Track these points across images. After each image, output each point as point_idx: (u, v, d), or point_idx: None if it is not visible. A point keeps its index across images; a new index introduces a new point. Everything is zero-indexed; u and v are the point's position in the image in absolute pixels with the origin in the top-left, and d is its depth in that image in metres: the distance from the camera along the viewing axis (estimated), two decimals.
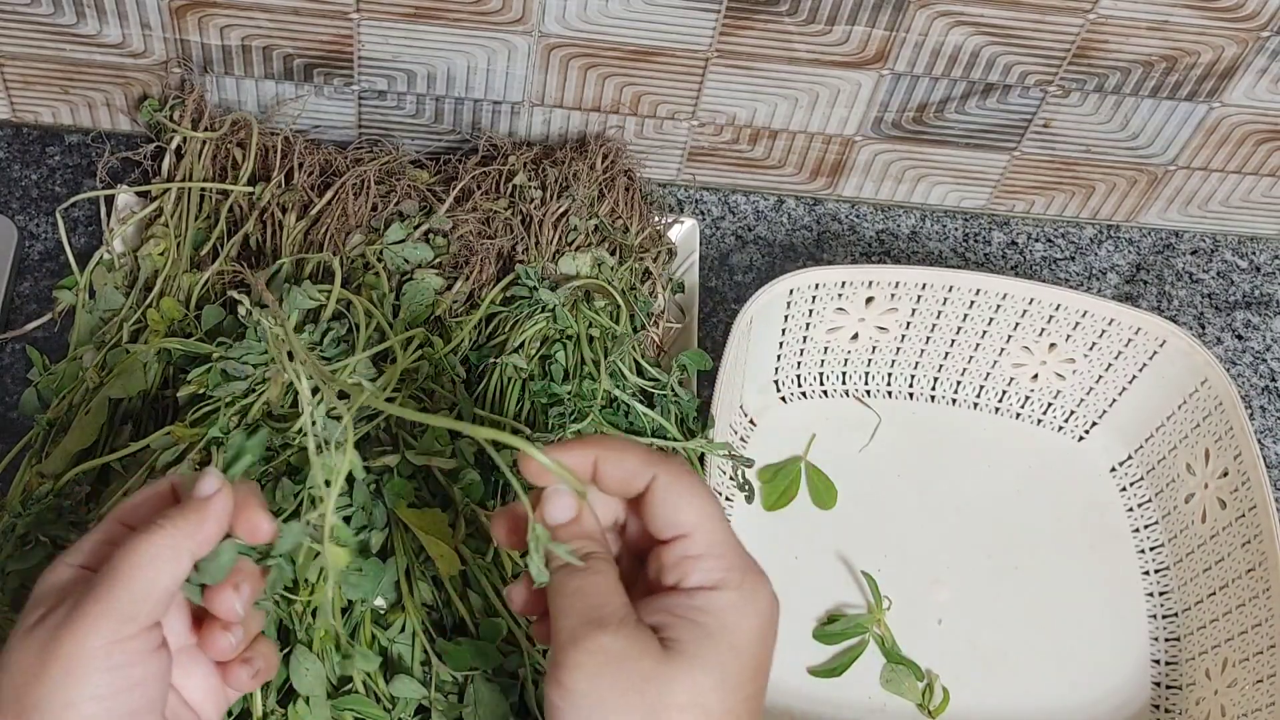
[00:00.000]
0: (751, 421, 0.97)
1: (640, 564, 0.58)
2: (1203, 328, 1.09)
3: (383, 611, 0.73)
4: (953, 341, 0.97)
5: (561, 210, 0.95)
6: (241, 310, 0.82)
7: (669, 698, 0.50)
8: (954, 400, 1.01)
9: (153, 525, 0.53)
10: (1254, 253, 1.14)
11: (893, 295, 0.94)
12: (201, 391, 0.82)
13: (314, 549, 0.74)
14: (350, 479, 0.77)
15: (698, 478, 0.56)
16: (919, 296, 0.94)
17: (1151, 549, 0.96)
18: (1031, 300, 0.94)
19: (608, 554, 0.55)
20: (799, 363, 0.98)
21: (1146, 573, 0.95)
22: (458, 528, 0.77)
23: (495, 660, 0.73)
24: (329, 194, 0.94)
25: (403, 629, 0.73)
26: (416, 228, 0.92)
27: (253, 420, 0.80)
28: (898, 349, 0.98)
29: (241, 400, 0.80)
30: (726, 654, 0.52)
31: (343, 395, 0.64)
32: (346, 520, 0.76)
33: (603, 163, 0.99)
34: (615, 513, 0.58)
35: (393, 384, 0.82)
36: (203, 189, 0.95)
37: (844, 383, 1.00)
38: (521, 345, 0.87)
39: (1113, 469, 0.99)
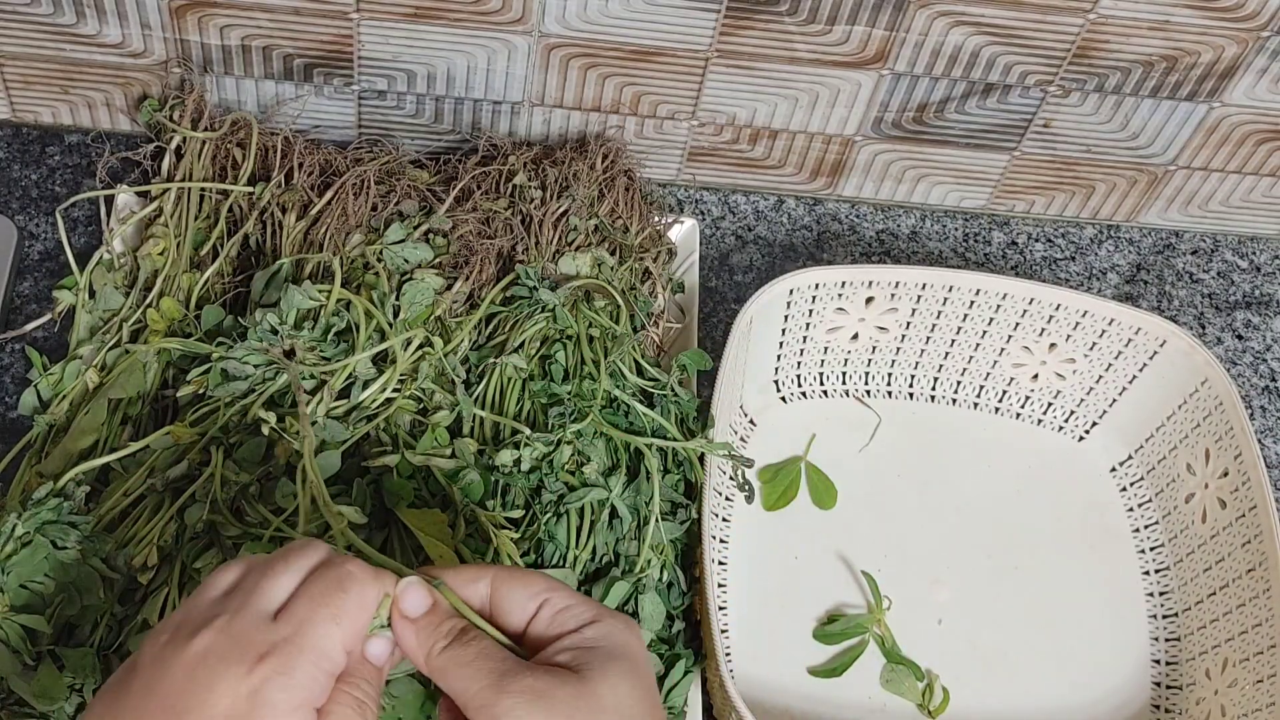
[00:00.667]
0: (751, 421, 0.97)
1: None
2: (1203, 328, 1.09)
3: None
4: (953, 341, 0.97)
5: (561, 210, 0.95)
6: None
7: (595, 707, 0.54)
8: (954, 400, 1.01)
9: (362, 706, 0.55)
10: (1254, 253, 1.14)
11: (893, 295, 0.94)
12: (201, 391, 0.82)
13: None
14: (350, 479, 0.78)
15: (528, 569, 0.60)
16: (919, 296, 0.94)
17: (1152, 549, 0.96)
18: (1031, 300, 0.94)
19: (472, 626, 0.58)
20: (799, 363, 0.98)
21: (1147, 573, 0.95)
22: (457, 528, 0.77)
23: None
24: (329, 194, 0.94)
25: None
26: (416, 228, 0.92)
27: (252, 420, 0.80)
28: (898, 349, 0.98)
29: (242, 400, 0.80)
30: (629, 667, 0.56)
31: None
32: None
33: (603, 163, 0.99)
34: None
35: (392, 384, 0.82)
36: (202, 189, 0.95)
37: (844, 383, 1.00)
38: (521, 345, 0.87)
39: (1113, 469, 0.99)
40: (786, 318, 0.94)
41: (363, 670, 0.56)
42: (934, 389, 1.00)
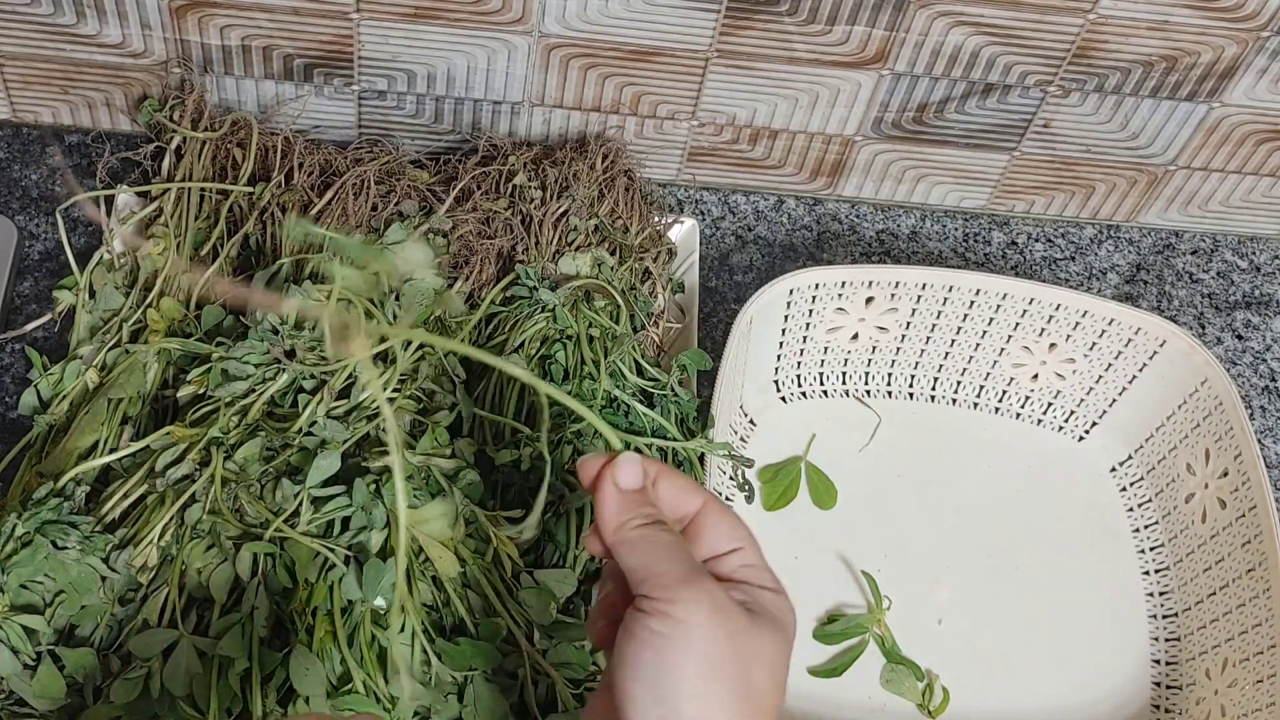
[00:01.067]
0: (751, 421, 0.97)
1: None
2: (1203, 328, 1.09)
3: (383, 611, 0.73)
4: (953, 341, 0.97)
5: (561, 210, 0.95)
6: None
7: (755, 650, 0.56)
8: (954, 400, 1.01)
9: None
10: (1254, 253, 1.14)
11: (893, 295, 0.94)
12: (202, 391, 0.82)
13: (312, 547, 0.74)
14: (349, 479, 0.77)
15: (736, 518, 0.62)
16: (919, 296, 0.94)
17: (1151, 549, 0.96)
18: (1031, 300, 0.94)
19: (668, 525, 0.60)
20: (799, 363, 0.98)
21: (1146, 573, 0.95)
22: (457, 528, 0.77)
23: (495, 660, 0.73)
24: (329, 194, 0.94)
25: (402, 629, 0.73)
26: (416, 228, 0.92)
27: (253, 421, 0.80)
28: (898, 349, 0.98)
29: (242, 400, 0.80)
30: (783, 635, 0.58)
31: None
32: (346, 521, 0.76)
33: (603, 163, 0.99)
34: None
35: (392, 384, 0.82)
36: (202, 189, 0.95)
37: (844, 383, 1.00)
38: (521, 345, 0.87)
39: (1113, 469, 0.99)
40: (786, 318, 0.94)
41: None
42: (934, 389, 1.00)
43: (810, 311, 0.94)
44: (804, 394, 0.99)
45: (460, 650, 0.72)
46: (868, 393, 1.00)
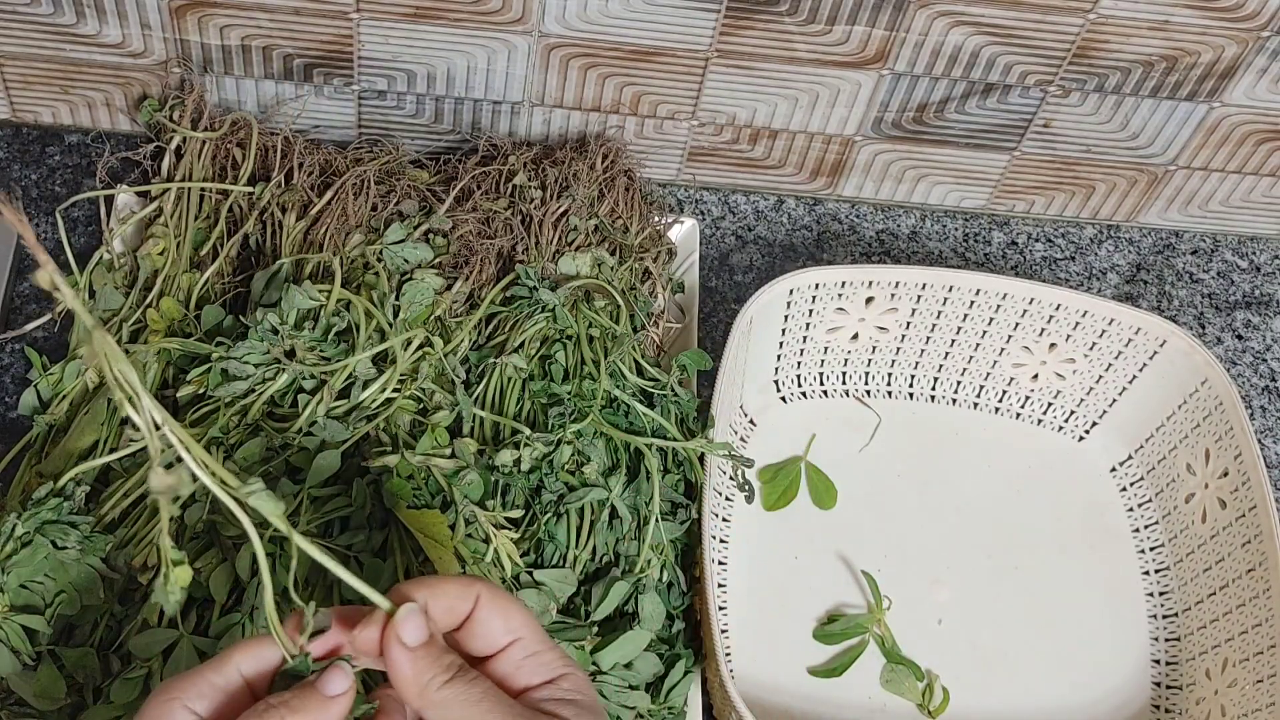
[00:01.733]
0: (751, 421, 0.97)
1: None
2: (1203, 328, 1.09)
3: None
4: (953, 341, 0.97)
5: (561, 210, 0.95)
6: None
7: None
8: (954, 400, 1.01)
9: (272, 714, 0.54)
10: (1254, 253, 1.14)
11: (893, 295, 0.94)
12: (202, 391, 0.82)
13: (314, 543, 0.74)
14: (350, 479, 0.77)
15: (513, 596, 0.59)
16: (919, 296, 0.94)
17: (1152, 549, 0.96)
18: (1031, 300, 0.94)
19: (463, 663, 0.57)
20: (799, 363, 0.98)
21: (1146, 573, 0.95)
22: (456, 529, 0.77)
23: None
24: (329, 194, 0.94)
25: None
26: (416, 228, 0.92)
27: (253, 421, 0.80)
28: (898, 349, 0.98)
29: (242, 400, 0.80)
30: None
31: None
32: (345, 520, 0.76)
33: (603, 163, 0.99)
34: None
35: (392, 384, 0.82)
36: (202, 189, 0.95)
37: (844, 383, 1.00)
38: (521, 345, 0.87)
39: (1113, 469, 0.99)
40: (786, 318, 0.94)
41: (301, 694, 0.55)
42: (934, 389, 1.00)
43: (810, 311, 0.94)
44: (804, 394, 0.99)
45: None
46: (868, 393, 1.00)
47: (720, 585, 0.90)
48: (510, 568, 0.77)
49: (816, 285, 0.92)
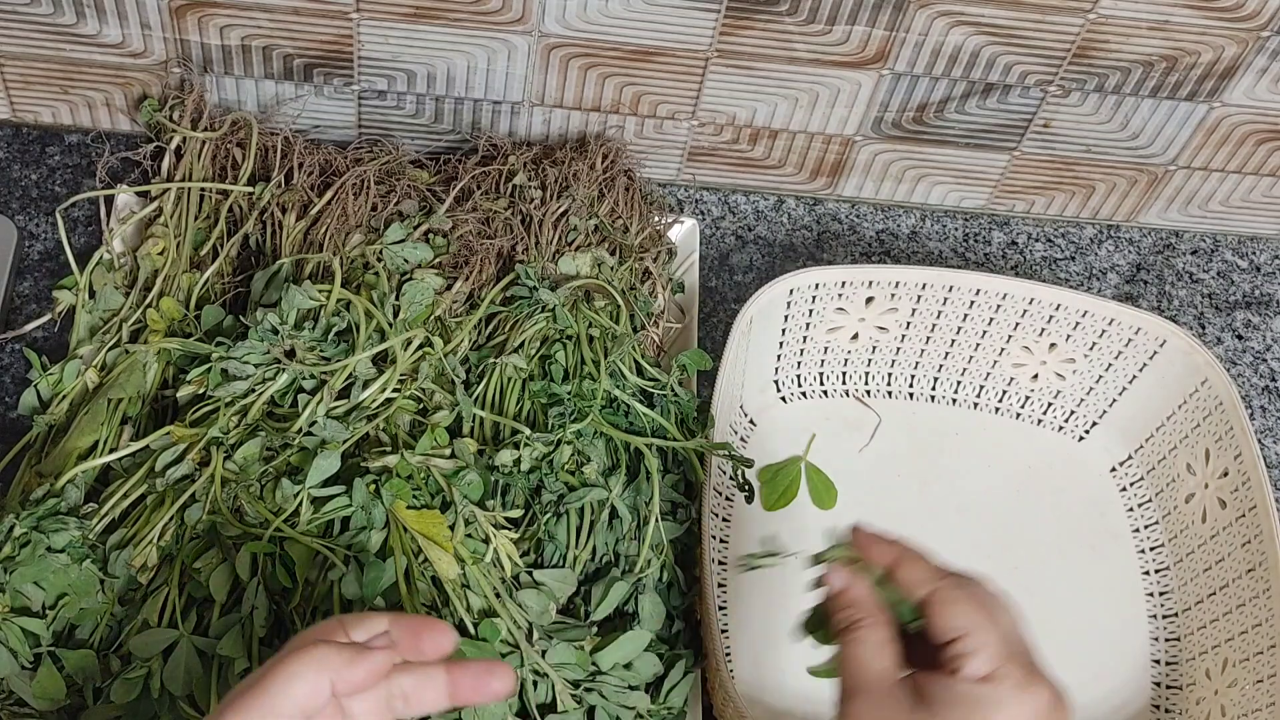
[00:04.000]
0: (751, 421, 0.97)
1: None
2: (1203, 328, 1.09)
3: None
4: (953, 341, 0.97)
5: (561, 210, 0.95)
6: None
7: None
8: (954, 400, 1.01)
9: (311, 647, 0.56)
10: (1254, 253, 1.14)
11: (893, 295, 0.94)
12: (202, 391, 0.82)
13: (312, 547, 0.74)
14: (350, 479, 0.77)
15: (980, 589, 0.65)
16: (919, 296, 0.94)
17: (1152, 549, 0.96)
18: (1031, 300, 0.94)
19: (875, 619, 0.63)
20: (799, 363, 0.98)
21: (1147, 573, 0.95)
22: (456, 529, 0.77)
23: (493, 659, 0.72)
24: (329, 194, 0.94)
25: None
26: (416, 228, 0.92)
27: (253, 421, 0.80)
28: (898, 349, 0.98)
29: (242, 400, 0.80)
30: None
31: None
32: (346, 521, 0.76)
33: (603, 163, 0.99)
34: None
35: (392, 384, 0.82)
36: (202, 189, 0.95)
37: (844, 383, 1.00)
38: (521, 345, 0.87)
39: (1113, 469, 0.99)
40: (786, 318, 0.94)
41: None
42: (934, 389, 1.00)
43: (810, 311, 0.94)
44: (804, 394, 0.99)
45: (459, 651, 0.72)
46: (868, 393, 1.00)
47: (720, 585, 0.90)
48: (510, 568, 0.78)
49: (816, 285, 0.92)
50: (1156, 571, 0.95)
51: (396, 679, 0.58)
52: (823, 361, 0.99)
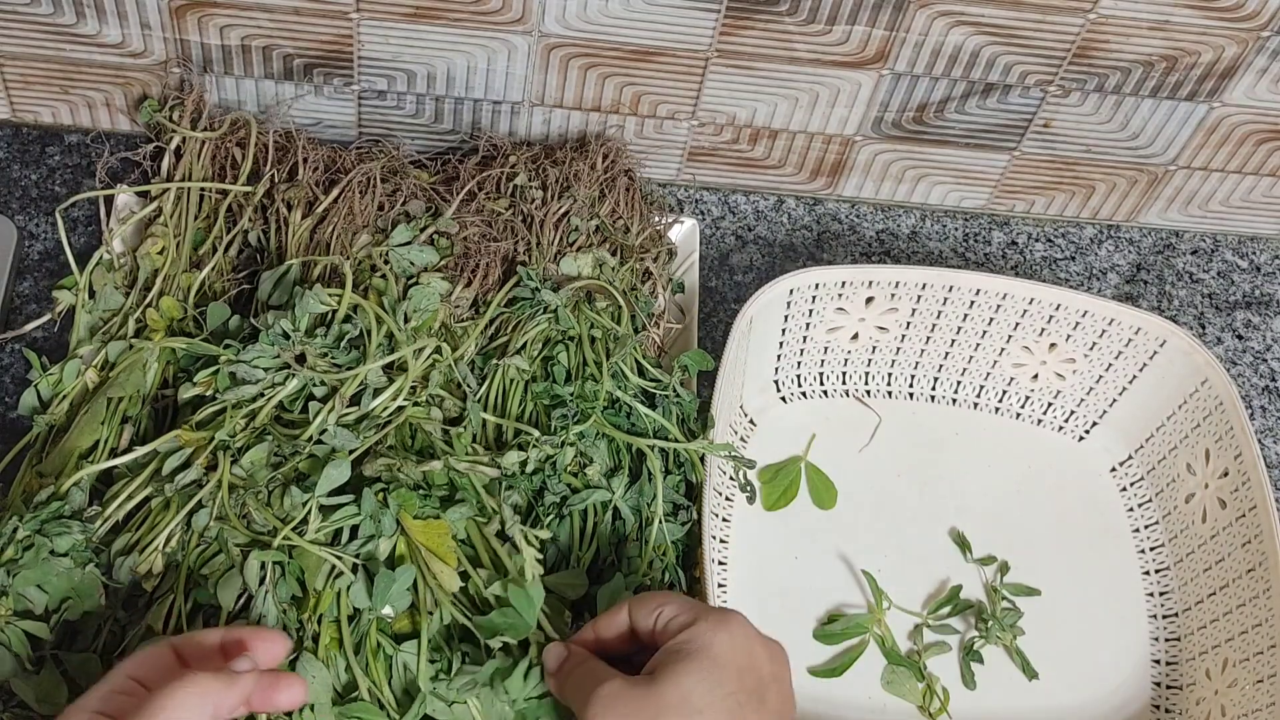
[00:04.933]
0: (751, 421, 0.97)
1: None
2: (1203, 328, 1.09)
3: (390, 620, 0.73)
4: (953, 341, 0.98)
5: (562, 210, 0.95)
6: None
7: (661, 702, 0.64)
8: (954, 400, 1.01)
9: (190, 677, 0.60)
10: (1254, 253, 1.14)
11: (893, 295, 0.94)
12: (206, 394, 0.82)
13: (320, 555, 0.74)
14: (358, 488, 0.77)
15: (657, 591, 0.75)
16: (919, 296, 0.94)
17: (1152, 549, 0.96)
18: (1031, 300, 0.94)
19: (591, 655, 0.70)
20: (799, 363, 0.98)
21: (1147, 573, 0.95)
22: (491, 538, 0.76)
23: (526, 629, 0.72)
24: (336, 191, 0.93)
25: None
26: (423, 230, 0.92)
27: (260, 425, 0.79)
28: (898, 349, 0.98)
29: (250, 404, 0.80)
30: (705, 663, 0.65)
31: None
32: (354, 530, 0.76)
33: (603, 163, 0.99)
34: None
35: (404, 392, 0.81)
36: (202, 189, 0.94)
37: (844, 383, 1.00)
38: (524, 346, 0.87)
39: (1113, 469, 0.99)
40: (786, 318, 0.94)
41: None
42: (934, 389, 1.01)
43: (810, 311, 0.94)
44: (804, 394, 0.99)
45: (490, 621, 0.72)
46: (868, 393, 1.00)
47: (720, 585, 0.90)
48: (509, 565, 0.77)
49: (816, 285, 0.92)
50: (1156, 571, 0.95)
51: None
52: (823, 361, 0.99)
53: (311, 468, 0.77)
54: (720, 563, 0.91)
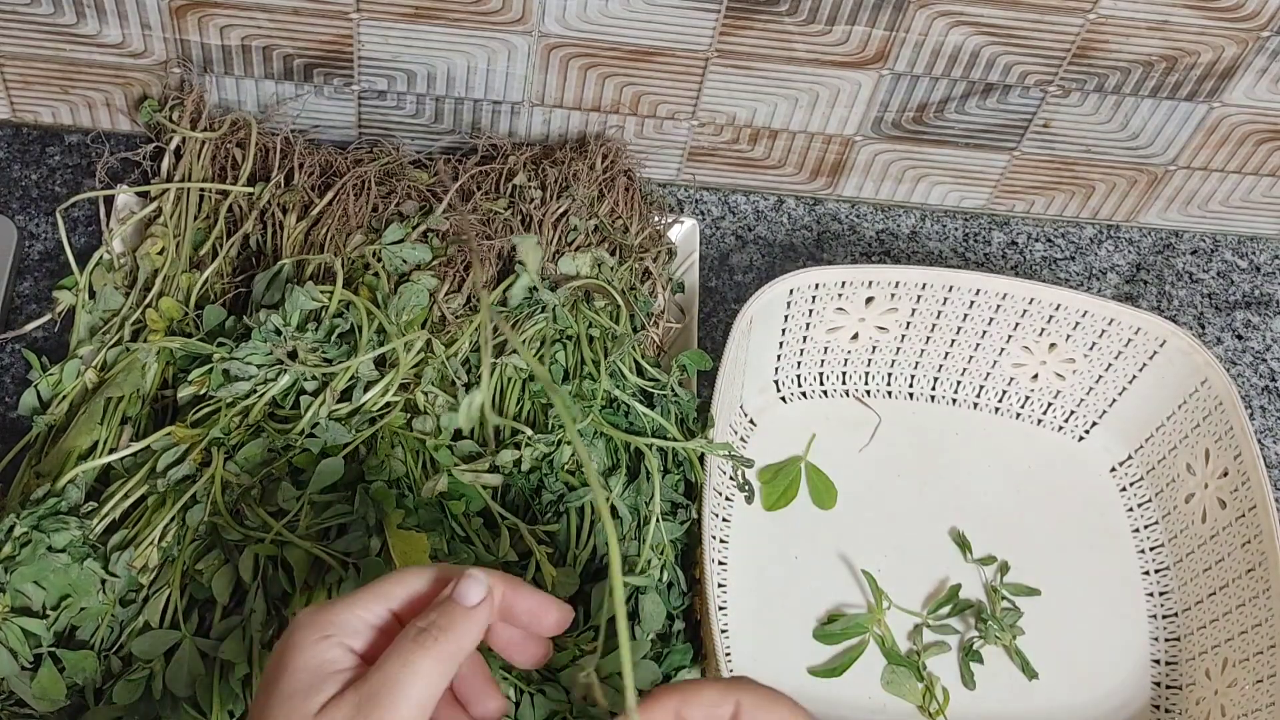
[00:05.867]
0: (751, 421, 0.97)
1: None
2: (1203, 328, 1.09)
3: None
4: (953, 341, 0.97)
5: (561, 210, 0.95)
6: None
7: None
8: (954, 400, 1.01)
9: (427, 638, 0.55)
10: (1254, 253, 1.14)
11: (893, 295, 0.94)
12: (203, 392, 0.82)
13: (311, 551, 0.74)
14: (351, 484, 0.77)
15: (781, 695, 0.58)
16: (919, 296, 0.94)
17: (1151, 549, 0.96)
18: (1031, 300, 0.94)
19: None
20: (799, 363, 0.98)
21: (1146, 573, 0.95)
22: (501, 541, 0.76)
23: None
24: (330, 194, 0.93)
25: None
26: (415, 228, 0.92)
27: (254, 422, 0.80)
28: (898, 349, 0.98)
29: (243, 401, 0.80)
30: None
31: None
32: (344, 528, 0.76)
33: (602, 163, 0.99)
34: None
35: (394, 387, 0.82)
36: (202, 189, 0.95)
37: (844, 383, 1.00)
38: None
39: (1113, 469, 0.99)
40: (786, 318, 0.94)
41: (443, 607, 0.56)
42: (934, 389, 1.00)
43: (810, 311, 0.94)
44: (804, 394, 0.99)
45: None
46: (868, 393, 1.00)
47: (720, 585, 0.90)
48: (550, 582, 0.77)
49: (816, 285, 0.92)
50: (1156, 571, 0.95)
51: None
52: (823, 361, 0.99)
53: (304, 462, 0.77)
54: (720, 563, 0.91)
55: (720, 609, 0.89)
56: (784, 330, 0.95)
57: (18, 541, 0.73)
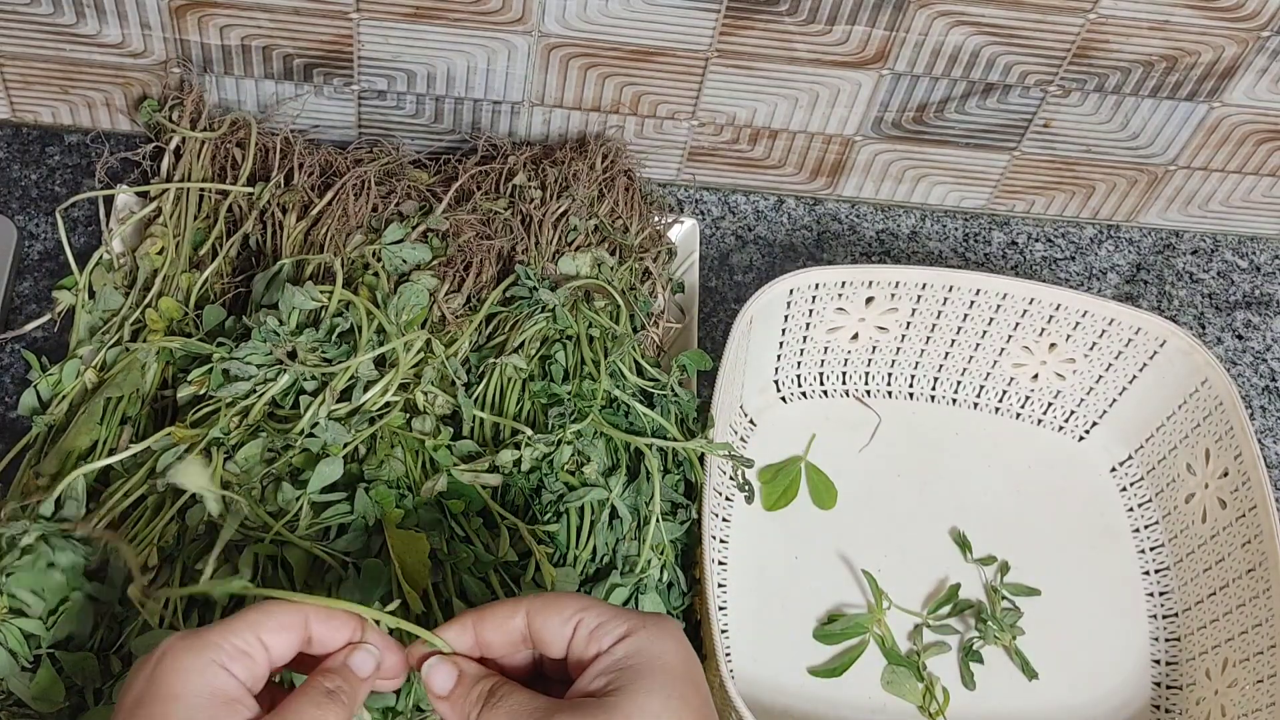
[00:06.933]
0: (751, 421, 0.97)
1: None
2: (1203, 328, 1.09)
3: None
4: (953, 341, 0.97)
5: (561, 210, 0.95)
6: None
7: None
8: (954, 400, 1.01)
9: (338, 700, 0.56)
10: (1254, 253, 1.14)
11: (893, 295, 0.94)
12: (202, 392, 0.82)
13: (311, 551, 0.74)
14: (351, 487, 0.77)
15: (566, 593, 0.61)
16: (919, 296, 0.94)
17: (1152, 549, 0.96)
18: (1031, 300, 0.94)
19: (503, 679, 0.59)
20: (799, 363, 0.98)
21: (1147, 573, 0.95)
22: (501, 542, 0.76)
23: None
24: (329, 194, 0.93)
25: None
26: (414, 228, 0.92)
27: (254, 422, 0.80)
28: (898, 349, 0.98)
29: (243, 401, 0.80)
30: (664, 679, 0.56)
31: None
32: (344, 528, 0.76)
33: (602, 163, 0.99)
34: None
35: (394, 387, 0.81)
36: (201, 189, 0.95)
37: (844, 383, 1.00)
38: (521, 345, 0.87)
39: (1113, 469, 0.99)
40: (786, 318, 0.94)
41: (344, 673, 0.58)
42: (934, 389, 1.00)
43: (810, 311, 0.94)
44: (804, 394, 0.99)
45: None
46: (868, 393, 1.00)
47: (720, 585, 0.90)
48: (550, 581, 0.77)
49: (816, 285, 0.92)
50: (1156, 571, 0.95)
51: None
52: (823, 361, 0.99)
53: (304, 462, 0.77)
54: (720, 563, 0.91)
55: (720, 609, 0.89)
56: (784, 330, 0.95)
57: (20, 550, 0.73)
